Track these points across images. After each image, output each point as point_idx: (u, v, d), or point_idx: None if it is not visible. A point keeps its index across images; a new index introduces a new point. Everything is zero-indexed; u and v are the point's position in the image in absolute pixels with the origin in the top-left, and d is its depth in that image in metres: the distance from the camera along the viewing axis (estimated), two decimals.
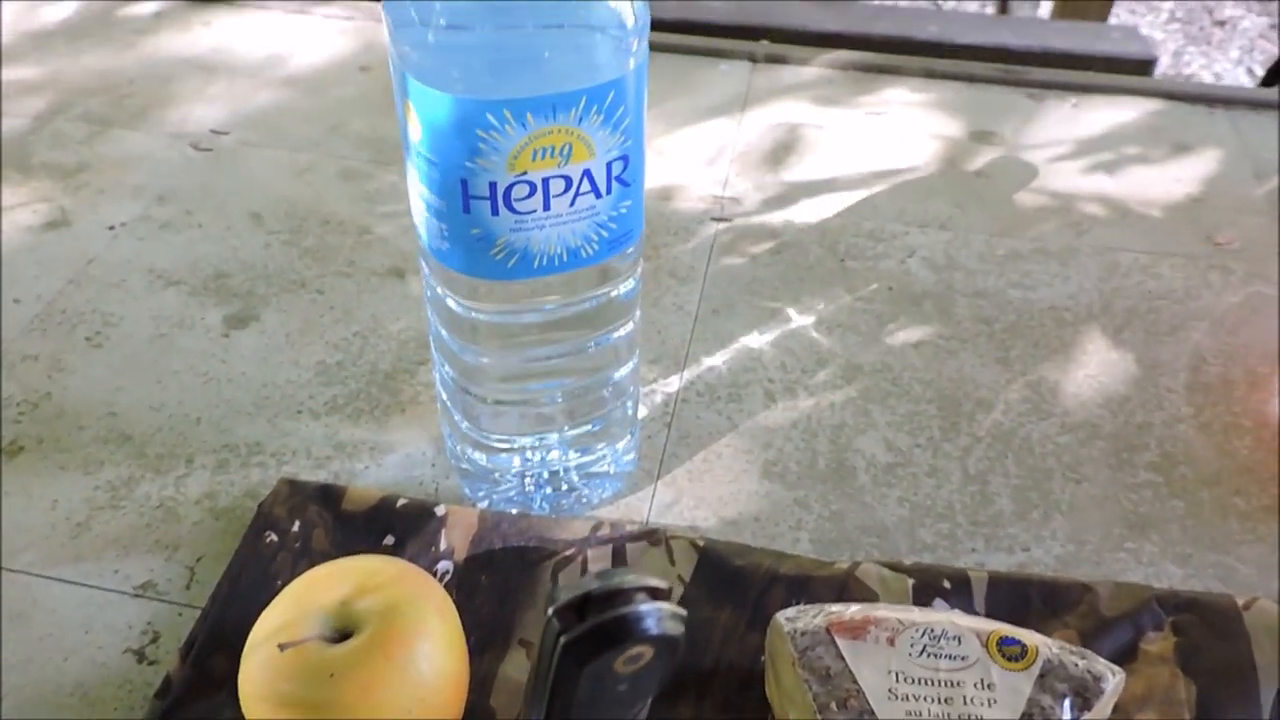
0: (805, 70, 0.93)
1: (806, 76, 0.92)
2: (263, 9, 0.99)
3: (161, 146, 0.80)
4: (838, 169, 0.82)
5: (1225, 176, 0.82)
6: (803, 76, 0.92)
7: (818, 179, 0.80)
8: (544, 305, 0.47)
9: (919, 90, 0.91)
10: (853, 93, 0.91)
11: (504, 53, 0.39)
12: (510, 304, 0.47)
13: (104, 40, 0.93)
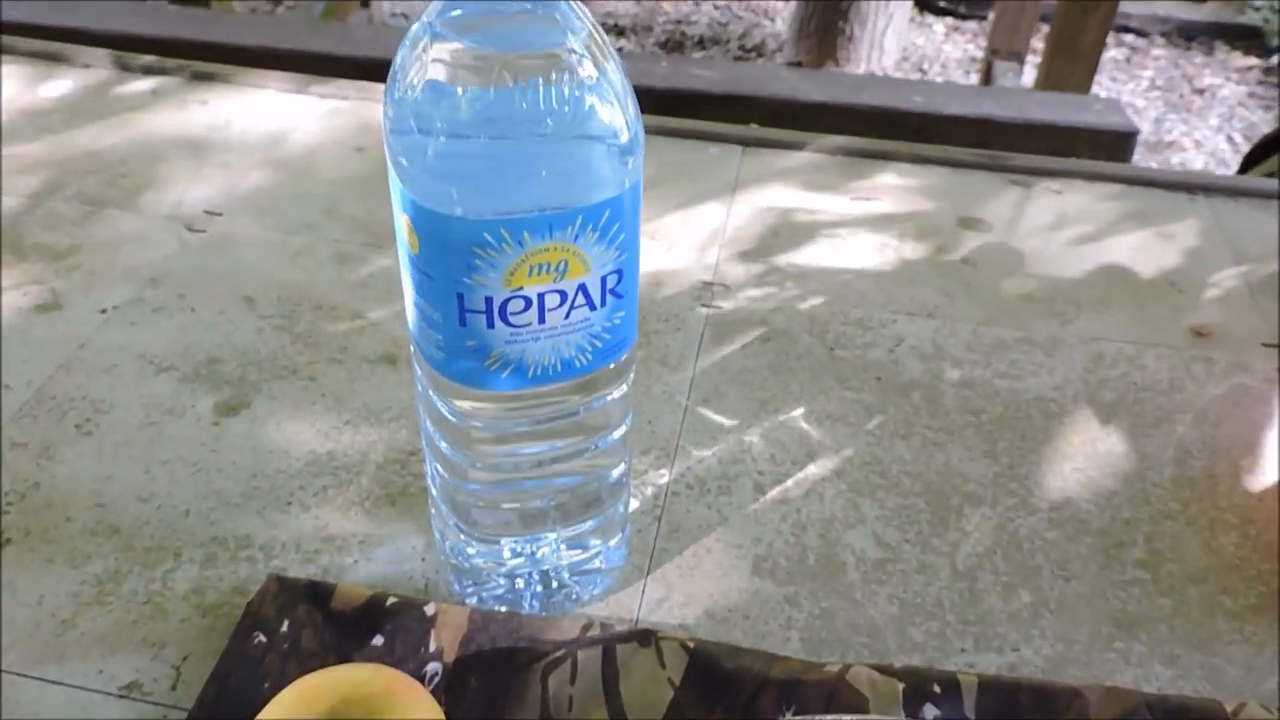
0: (795, 155, 0.94)
1: (796, 161, 0.94)
2: (259, 88, 1.00)
3: (155, 228, 0.81)
4: (827, 255, 0.83)
5: (1206, 265, 0.84)
6: (793, 161, 0.94)
7: (807, 265, 0.81)
8: (536, 411, 0.47)
9: (906, 175, 0.92)
10: (842, 178, 0.92)
11: (502, 171, 0.39)
12: (502, 410, 0.47)
13: (100, 118, 0.94)
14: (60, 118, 0.94)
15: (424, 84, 0.39)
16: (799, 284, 0.79)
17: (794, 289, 0.79)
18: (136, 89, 0.99)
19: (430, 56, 0.39)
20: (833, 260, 0.82)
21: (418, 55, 0.40)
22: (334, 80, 1.00)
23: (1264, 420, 0.69)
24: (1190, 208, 0.90)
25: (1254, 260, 0.85)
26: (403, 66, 0.41)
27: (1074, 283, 0.81)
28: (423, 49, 0.40)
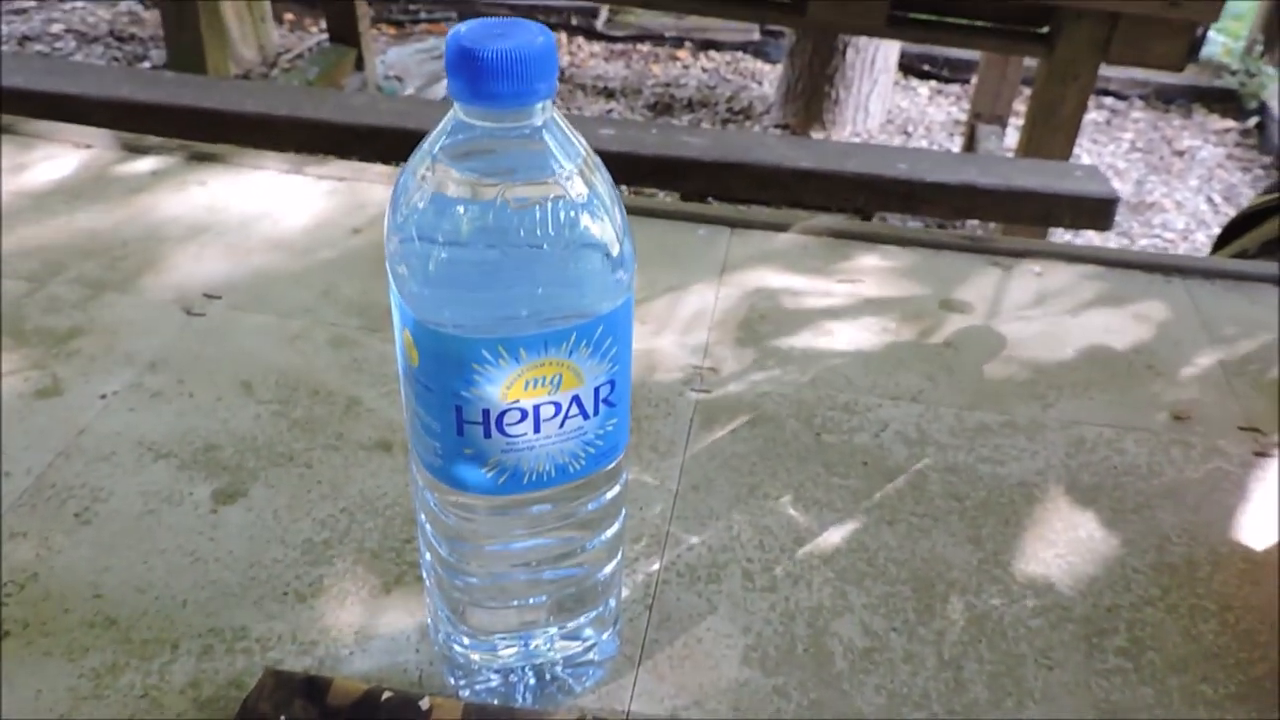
0: (781, 236, 0.97)
1: (783, 242, 0.96)
2: (257, 169, 1.02)
3: (154, 311, 0.82)
4: (813, 338, 0.84)
5: (1183, 346, 0.86)
6: (779, 242, 0.96)
7: (794, 349, 0.83)
8: (531, 513, 0.48)
9: (890, 257, 0.95)
10: (827, 259, 0.94)
11: (499, 292, 0.41)
12: (497, 512, 0.48)
13: (100, 200, 0.96)
14: (61, 199, 0.96)
15: (424, 209, 0.41)
16: (786, 368, 0.81)
17: (781, 373, 0.80)
18: (137, 169, 1.01)
19: (431, 183, 0.41)
20: (819, 343, 0.84)
21: (419, 181, 0.42)
22: (331, 160, 1.03)
23: (1241, 505, 0.71)
24: (1166, 289, 0.92)
25: (1228, 342, 0.87)
26: (404, 191, 0.43)
27: (1054, 365, 0.83)
28: (423, 175, 0.42)
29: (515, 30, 0.38)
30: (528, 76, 0.37)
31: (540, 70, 0.38)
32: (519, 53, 0.37)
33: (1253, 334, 0.87)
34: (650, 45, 3.71)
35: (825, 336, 0.85)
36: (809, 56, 3.11)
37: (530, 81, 0.38)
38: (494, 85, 0.37)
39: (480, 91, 0.38)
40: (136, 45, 3.53)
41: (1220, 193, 3.09)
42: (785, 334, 0.85)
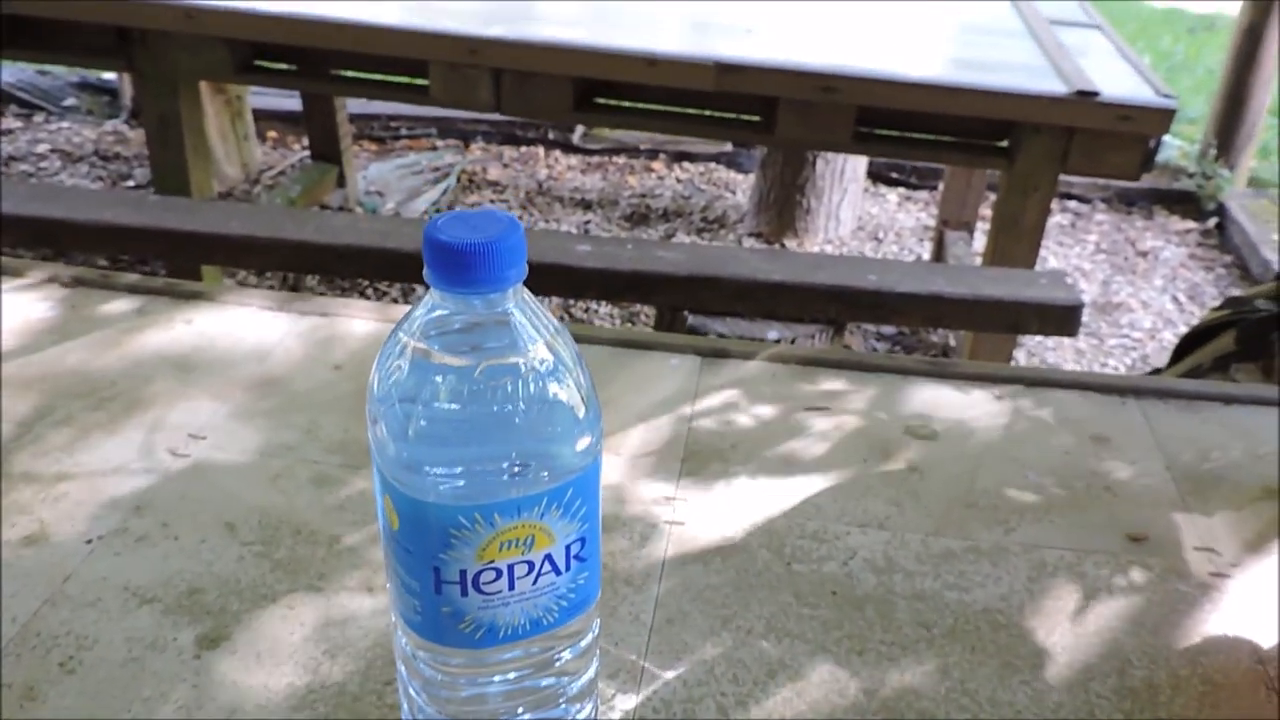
0: (750, 364, 1.00)
1: (752, 370, 0.99)
2: (242, 305, 1.05)
3: (141, 453, 0.84)
4: (783, 466, 0.87)
5: (1138, 468, 0.89)
6: (748, 370, 0.99)
7: (765, 477, 0.86)
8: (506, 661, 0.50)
9: (856, 383, 0.98)
10: (795, 386, 0.97)
11: (473, 462, 0.44)
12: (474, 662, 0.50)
13: (89, 339, 0.98)
14: (50, 338, 0.98)
15: (404, 383, 0.44)
16: (757, 496, 0.83)
17: (753, 502, 0.83)
18: (124, 308, 1.04)
19: (410, 358, 0.44)
20: (789, 471, 0.87)
21: (397, 358, 0.45)
22: (313, 298, 1.06)
23: (1198, 627, 0.73)
24: (1122, 410, 0.96)
25: (1183, 462, 0.90)
26: (385, 365, 0.45)
27: (1016, 489, 0.86)
28: (400, 352, 0.45)
29: (487, 223, 0.42)
30: (499, 266, 0.41)
31: (510, 260, 0.41)
32: (491, 246, 0.40)
33: (1205, 453, 0.91)
34: (626, 157, 3.81)
35: (794, 464, 0.87)
36: (780, 168, 3.21)
37: (502, 270, 0.41)
38: (469, 275, 0.41)
39: (456, 280, 0.41)
40: (121, 164, 3.60)
41: (1185, 292, 3.17)
42: (756, 462, 0.87)
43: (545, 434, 0.44)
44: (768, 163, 3.24)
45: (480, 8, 2.57)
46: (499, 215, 0.42)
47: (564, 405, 0.45)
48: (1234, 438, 0.93)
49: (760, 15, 2.59)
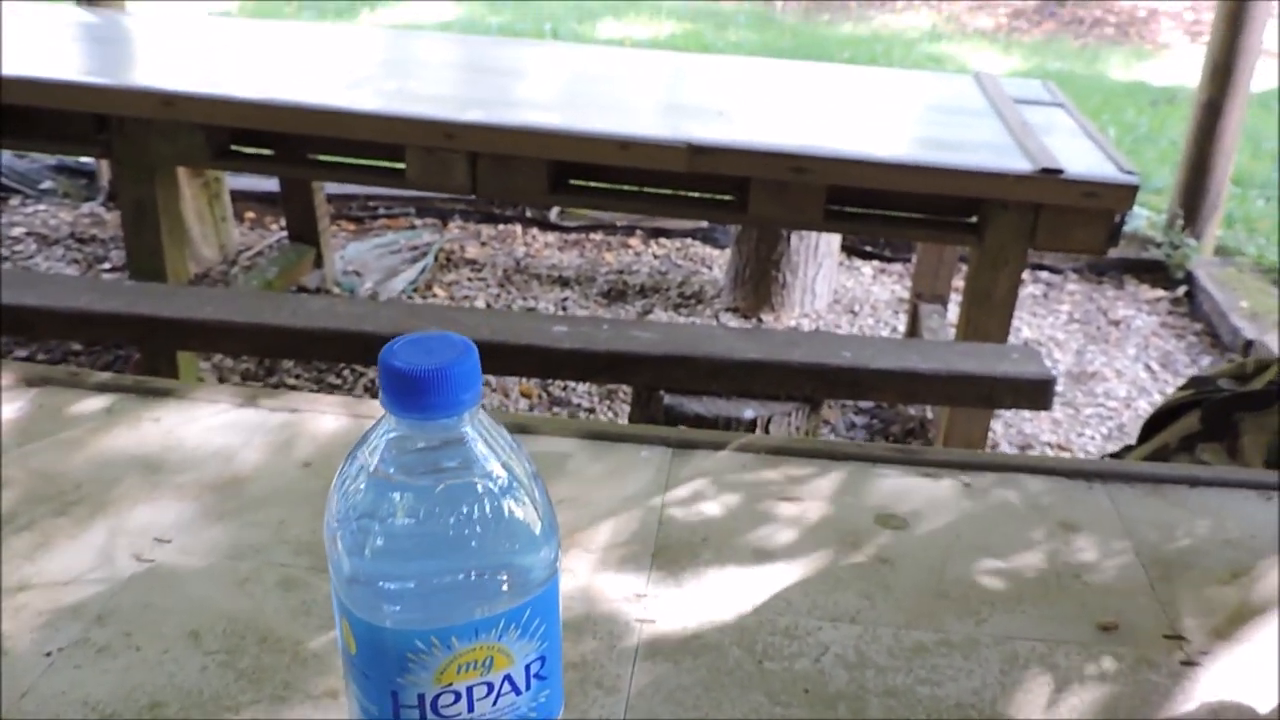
0: (720, 455, 1.00)
1: (722, 462, 0.99)
2: (212, 402, 1.05)
3: (105, 558, 0.83)
4: (754, 560, 0.87)
5: (1108, 554, 0.89)
6: (718, 461, 0.99)
7: (735, 571, 0.85)
8: None
9: (825, 472, 0.98)
10: (765, 477, 0.98)
11: (429, 586, 0.44)
12: None
13: (54, 440, 0.98)
14: (15, 440, 0.98)
15: (359, 505, 0.44)
16: (728, 592, 0.83)
17: (724, 598, 0.82)
18: (91, 406, 1.03)
19: (366, 481, 0.44)
20: (760, 565, 0.86)
21: (355, 479, 0.45)
22: (284, 393, 1.06)
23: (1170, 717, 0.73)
24: (1089, 496, 0.96)
25: (1151, 547, 0.90)
26: (341, 488, 0.45)
27: (986, 579, 0.86)
28: (358, 474, 0.45)
29: (442, 347, 0.42)
30: (453, 391, 0.41)
31: (465, 384, 0.41)
32: (445, 372, 0.41)
33: (1173, 538, 0.91)
34: (602, 234, 3.84)
35: (766, 558, 0.87)
36: (755, 243, 3.24)
37: (456, 395, 0.41)
38: (423, 401, 0.41)
39: (411, 406, 0.41)
40: (97, 247, 3.60)
41: (1157, 360, 3.21)
42: (727, 555, 0.87)
43: (502, 555, 0.44)
44: (743, 239, 3.28)
45: (455, 92, 2.61)
46: (454, 340, 0.43)
47: (521, 525, 0.45)
48: (1201, 521, 0.94)
49: (731, 97, 2.64)
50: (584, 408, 2.82)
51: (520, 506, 0.45)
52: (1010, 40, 7.81)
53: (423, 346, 0.42)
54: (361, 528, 0.44)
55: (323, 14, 7.35)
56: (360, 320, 2.17)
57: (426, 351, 0.41)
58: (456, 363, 0.41)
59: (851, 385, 2.05)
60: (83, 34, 2.87)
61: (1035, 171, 2.17)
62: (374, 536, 0.43)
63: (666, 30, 7.30)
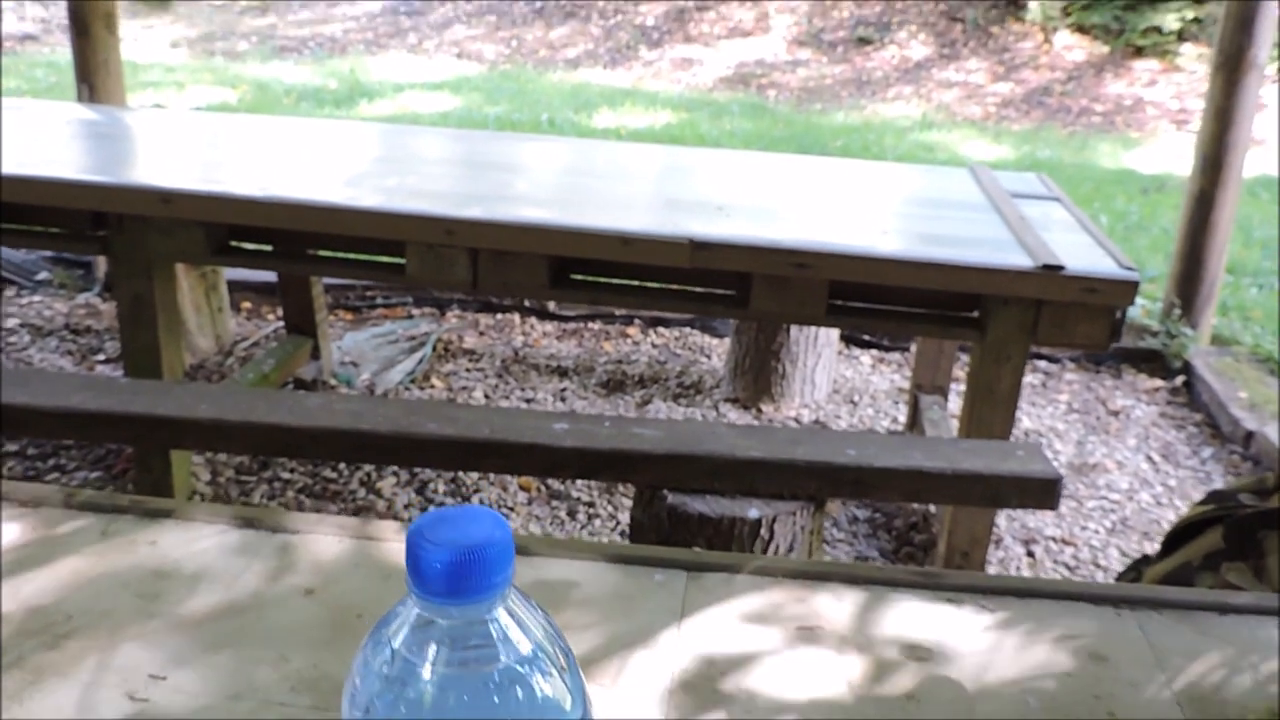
0: (738, 579, 0.97)
1: (740, 585, 0.96)
2: (209, 523, 1.02)
3: (96, 698, 0.80)
4: (775, 693, 0.83)
5: (1138, 684, 0.86)
6: (736, 586, 0.96)
7: (756, 705, 0.82)
8: None
9: (845, 598, 0.95)
10: (784, 603, 0.94)
11: None
12: None
13: (47, 566, 0.94)
14: (8, 567, 0.94)
15: (382, 696, 0.41)
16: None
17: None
18: (86, 530, 1.00)
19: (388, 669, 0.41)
20: (782, 698, 0.83)
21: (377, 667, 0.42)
22: (284, 512, 1.03)
23: None
24: (1118, 623, 0.93)
25: (1181, 675, 0.87)
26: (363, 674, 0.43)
27: (1014, 712, 0.82)
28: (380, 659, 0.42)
29: (472, 525, 0.40)
30: (485, 575, 0.39)
31: (497, 567, 0.39)
32: (476, 555, 0.38)
33: (1206, 670, 0.88)
34: (601, 323, 3.84)
35: (787, 691, 0.84)
36: (755, 334, 3.24)
37: (488, 578, 0.39)
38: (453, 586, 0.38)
39: (439, 591, 0.39)
40: (92, 338, 3.58)
41: (1159, 451, 3.18)
42: (746, 690, 0.84)
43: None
44: (743, 329, 3.27)
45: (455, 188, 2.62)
46: (484, 516, 0.40)
47: (552, 703, 0.42)
48: (1234, 651, 0.90)
49: (730, 191, 2.65)
50: (583, 501, 2.78)
51: (550, 683, 0.43)
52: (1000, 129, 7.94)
53: (451, 524, 0.39)
54: (385, 711, 0.41)
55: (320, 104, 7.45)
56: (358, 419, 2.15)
57: (455, 530, 0.39)
58: (488, 545, 0.38)
59: (856, 484, 2.02)
60: (83, 130, 2.89)
61: (1036, 268, 2.17)
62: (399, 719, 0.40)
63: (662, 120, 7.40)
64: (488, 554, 0.38)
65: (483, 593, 0.39)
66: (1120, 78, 8.82)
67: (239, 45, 10.27)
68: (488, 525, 0.39)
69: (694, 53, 9.83)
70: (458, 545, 0.38)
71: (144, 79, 7.91)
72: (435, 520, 0.40)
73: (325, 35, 10.67)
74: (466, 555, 0.38)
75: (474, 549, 0.38)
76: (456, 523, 0.40)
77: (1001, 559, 2.61)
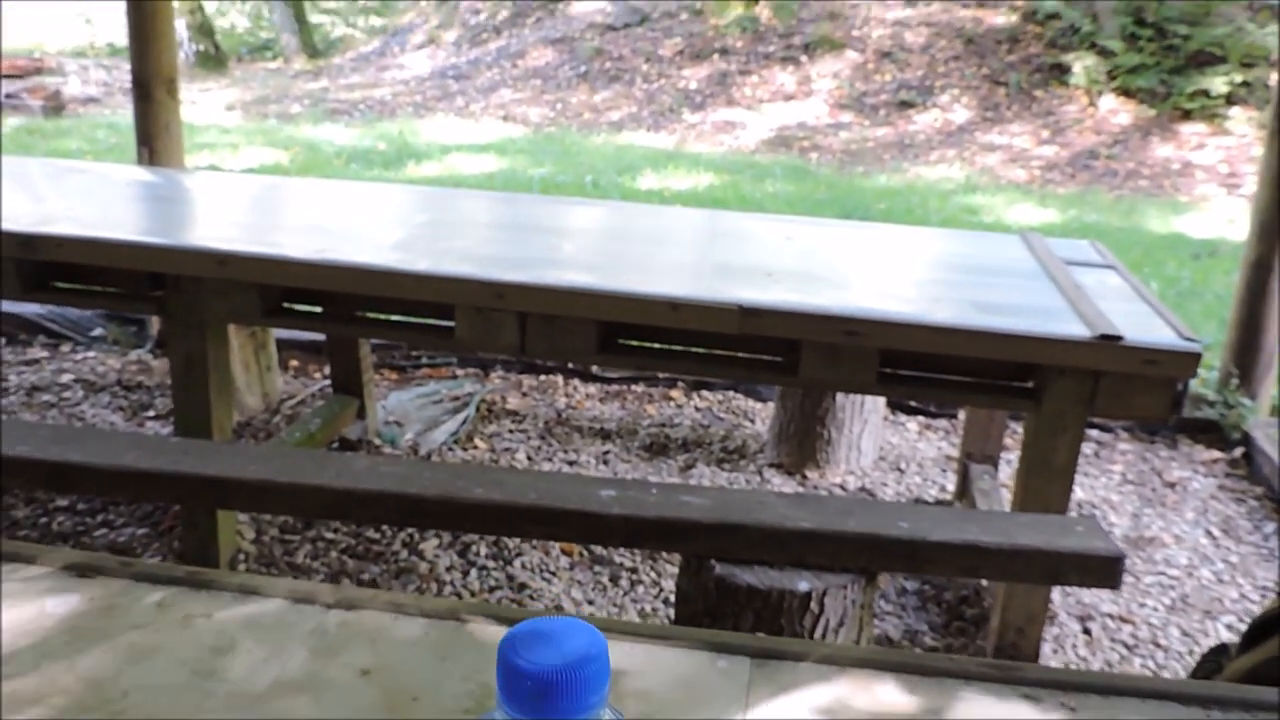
0: (803, 667, 0.94)
1: (805, 675, 0.93)
2: (267, 597, 1.00)
3: None
4: None
5: None
6: (800, 675, 0.93)
7: None
8: None
9: (917, 690, 0.92)
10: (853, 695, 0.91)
11: None
12: None
13: (103, 640, 0.93)
14: (63, 638, 0.93)
15: None
16: None
17: None
18: (142, 602, 0.99)
19: None
20: None
21: None
22: (340, 587, 1.01)
23: None
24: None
25: None
26: None
27: None
28: None
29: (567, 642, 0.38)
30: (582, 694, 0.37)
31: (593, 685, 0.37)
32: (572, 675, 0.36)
33: None
34: (644, 386, 3.83)
35: None
36: (800, 399, 3.21)
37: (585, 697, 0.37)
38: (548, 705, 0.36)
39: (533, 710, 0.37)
40: (143, 394, 3.62)
41: (1218, 525, 3.10)
42: None
43: None
44: (788, 394, 3.25)
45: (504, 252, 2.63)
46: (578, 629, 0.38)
47: None
48: None
49: (779, 258, 2.64)
50: (626, 567, 2.74)
51: None
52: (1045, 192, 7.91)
53: (546, 640, 0.38)
54: None
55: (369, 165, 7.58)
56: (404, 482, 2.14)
57: (550, 646, 0.37)
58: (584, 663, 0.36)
59: (909, 558, 1.98)
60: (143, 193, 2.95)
61: (1093, 338, 2.13)
62: None
63: (705, 181, 7.45)
64: (584, 674, 0.36)
65: (578, 713, 0.37)
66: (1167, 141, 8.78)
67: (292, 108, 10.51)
68: (583, 640, 0.38)
69: (736, 116, 9.92)
70: (553, 664, 0.36)
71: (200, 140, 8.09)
72: (529, 634, 0.38)
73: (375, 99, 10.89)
74: (562, 675, 0.36)
75: (569, 668, 0.36)
76: (551, 637, 0.38)
77: (1057, 635, 2.54)
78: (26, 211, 2.58)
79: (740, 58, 10.76)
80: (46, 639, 0.93)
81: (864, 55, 10.52)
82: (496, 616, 0.96)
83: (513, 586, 2.60)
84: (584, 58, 11.19)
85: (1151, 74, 9.14)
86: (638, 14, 11.66)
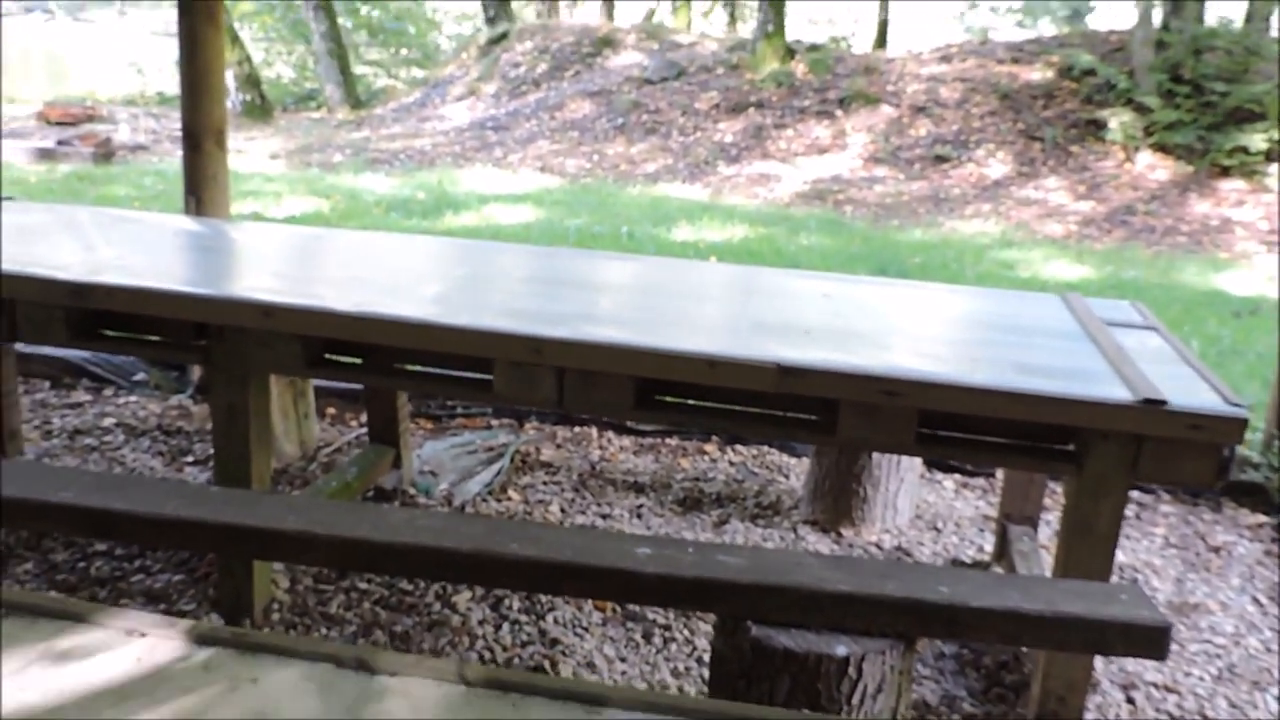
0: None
1: None
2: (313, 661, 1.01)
3: None
4: None
5: None
6: None
7: None
8: None
9: None
10: None
11: None
12: None
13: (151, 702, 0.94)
14: (110, 699, 0.94)
15: None
16: None
17: None
18: (190, 663, 1.00)
19: None
20: None
21: None
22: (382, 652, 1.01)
23: None
24: None
25: None
26: None
27: None
28: None
29: None
30: None
31: None
32: None
33: None
34: (678, 439, 3.82)
35: None
36: (836, 456, 3.19)
37: None
38: None
39: None
40: (183, 439, 3.66)
41: (1265, 593, 3.04)
42: None
43: None
44: (823, 450, 3.23)
45: (542, 306, 2.65)
46: None
47: None
48: None
49: (816, 315, 2.64)
50: (659, 624, 2.72)
51: None
52: (1081, 248, 7.88)
53: None
54: None
55: (409, 214, 7.68)
56: (440, 536, 2.14)
57: None
58: None
59: (949, 623, 1.95)
60: (190, 243, 3.00)
61: (1137, 401, 2.11)
62: None
63: (739, 234, 7.48)
64: None
65: None
66: (1206, 198, 8.73)
67: (334, 157, 10.70)
68: None
69: (771, 168, 9.99)
70: None
71: (245, 188, 8.25)
72: None
73: (415, 149, 11.07)
74: None
75: None
76: None
77: (1099, 704, 2.49)
78: (79, 260, 2.63)
79: (776, 111, 10.86)
80: (95, 701, 0.94)
81: (899, 109, 10.58)
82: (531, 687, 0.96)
83: (544, 642, 2.59)
84: (621, 110, 11.32)
85: (1189, 130, 9.12)
86: (675, 68, 11.82)
